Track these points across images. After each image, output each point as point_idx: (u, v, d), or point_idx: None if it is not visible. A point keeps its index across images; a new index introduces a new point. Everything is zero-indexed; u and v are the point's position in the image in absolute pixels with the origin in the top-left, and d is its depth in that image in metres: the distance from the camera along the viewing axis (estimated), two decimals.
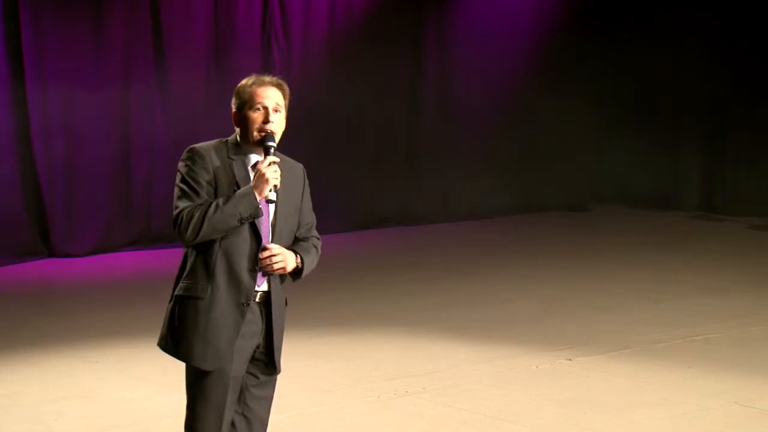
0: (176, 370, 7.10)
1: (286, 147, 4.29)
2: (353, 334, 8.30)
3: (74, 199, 11.56)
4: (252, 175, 4.10)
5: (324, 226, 4.36)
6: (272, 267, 4.10)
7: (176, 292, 4.12)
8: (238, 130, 4.19)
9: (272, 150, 4.10)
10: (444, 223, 13.72)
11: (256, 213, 4.05)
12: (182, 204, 4.05)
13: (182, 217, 4.01)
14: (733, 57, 14.18)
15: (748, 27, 14.11)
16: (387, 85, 13.58)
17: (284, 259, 4.13)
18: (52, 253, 11.41)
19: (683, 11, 14.65)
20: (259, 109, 4.13)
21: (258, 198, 4.03)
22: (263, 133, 4.12)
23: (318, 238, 4.36)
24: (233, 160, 4.13)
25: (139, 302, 9.40)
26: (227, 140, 4.20)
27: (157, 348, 4.25)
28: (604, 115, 15.18)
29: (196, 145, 4.15)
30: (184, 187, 4.07)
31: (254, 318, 4.14)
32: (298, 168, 4.33)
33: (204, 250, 4.07)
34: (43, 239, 11.46)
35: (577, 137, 14.93)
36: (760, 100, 14.10)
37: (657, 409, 6.44)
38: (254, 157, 4.16)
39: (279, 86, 4.19)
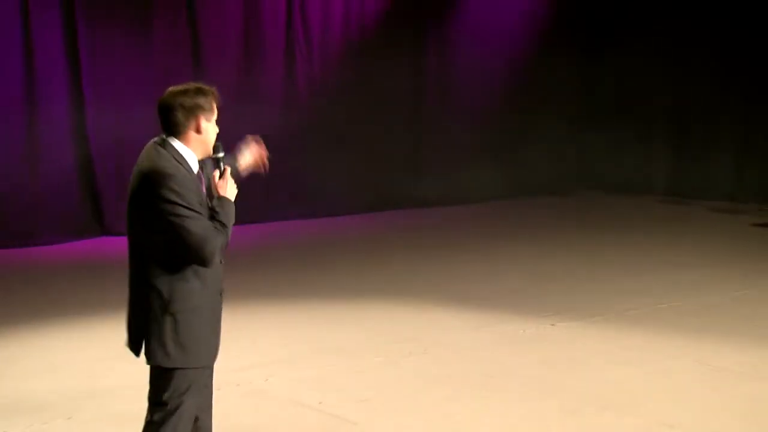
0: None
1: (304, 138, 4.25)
2: (364, 303, 8.31)
3: (124, 185, 11.58)
4: (207, 180, 3.84)
5: (335, 209, 4.29)
6: None
7: (174, 307, 3.69)
8: (192, 137, 3.75)
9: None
10: (444, 206, 13.67)
11: None
12: (200, 229, 3.63)
13: (213, 243, 3.65)
14: (694, 58, 14.15)
15: (710, 31, 14.02)
16: (393, 84, 13.58)
17: None
18: (104, 232, 11.50)
19: (652, 18, 14.63)
20: (216, 121, 3.83)
21: None
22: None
23: None
24: (188, 171, 3.72)
25: None
26: (172, 153, 3.73)
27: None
28: (584, 111, 15.16)
29: (169, 170, 3.67)
30: (189, 212, 3.63)
31: None
32: None
33: None
34: (96, 220, 11.56)
35: (562, 131, 14.90)
36: (719, 99, 14.08)
37: (628, 368, 6.47)
38: (195, 162, 3.79)
39: None
